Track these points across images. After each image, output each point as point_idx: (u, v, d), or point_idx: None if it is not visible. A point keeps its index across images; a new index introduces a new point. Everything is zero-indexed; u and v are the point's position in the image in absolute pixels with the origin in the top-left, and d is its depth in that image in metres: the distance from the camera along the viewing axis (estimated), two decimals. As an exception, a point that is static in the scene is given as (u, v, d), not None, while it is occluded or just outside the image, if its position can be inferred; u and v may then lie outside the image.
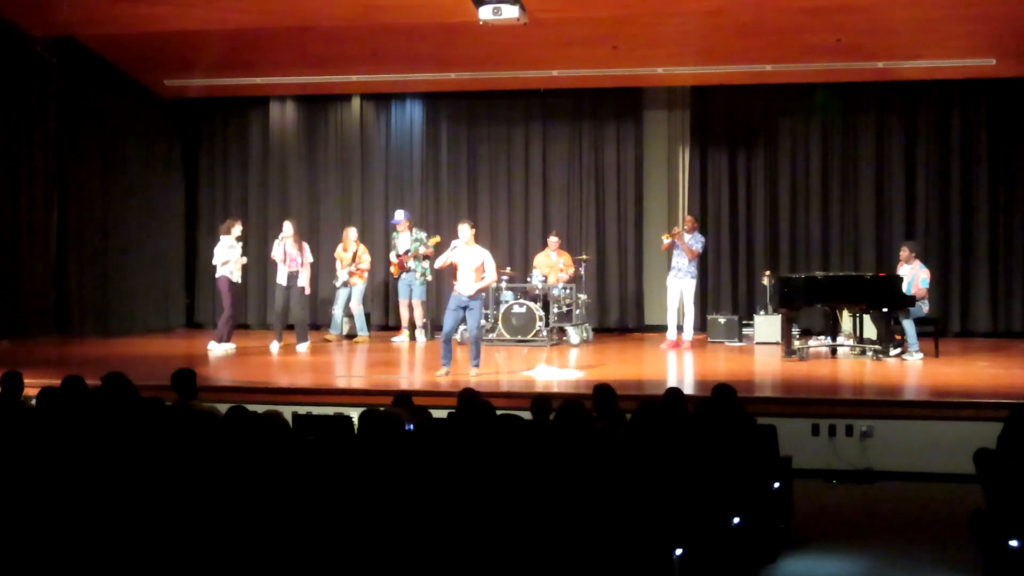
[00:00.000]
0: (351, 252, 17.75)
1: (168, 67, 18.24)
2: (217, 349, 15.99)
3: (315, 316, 18.89)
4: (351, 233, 17.96)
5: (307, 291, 16.57)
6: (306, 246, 16.67)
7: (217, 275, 16.40)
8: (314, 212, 19.95)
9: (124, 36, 16.62)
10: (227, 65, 17.83)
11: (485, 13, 14.07)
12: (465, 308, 13.23)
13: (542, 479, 6.14)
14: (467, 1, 14.07)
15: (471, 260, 13.23)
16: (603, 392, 8.59)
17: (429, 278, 17.55)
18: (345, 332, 17.81)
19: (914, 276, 15.13)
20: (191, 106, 20.27)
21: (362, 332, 17.68)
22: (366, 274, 17.88)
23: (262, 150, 20.33)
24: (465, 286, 13.19)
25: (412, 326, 17.74)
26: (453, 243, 13.50)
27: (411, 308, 17.63)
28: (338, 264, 17.82)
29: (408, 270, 17.47)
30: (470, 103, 19.66)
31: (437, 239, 17.21)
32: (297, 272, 16.37)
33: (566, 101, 19.33)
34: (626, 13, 15.29)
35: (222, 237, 16.44)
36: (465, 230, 13.37)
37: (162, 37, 16.51)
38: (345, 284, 17.65)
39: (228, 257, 16.28)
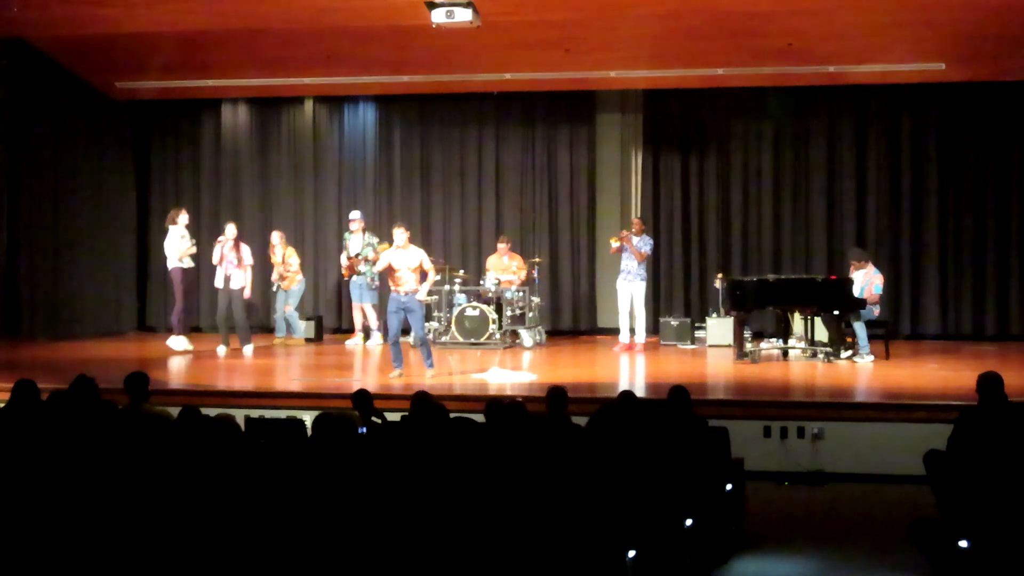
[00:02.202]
0: (280, 255, 17.77)
1: (120, 69, 18.11)
2: (177, 345, 15.97)
3: (266, 319, 18.83)
4: (274, 237, 18.02)
5: (247, 294, 16.49)
6: (246, 249, 16.54)
7: (169, 267, 16.37)
8: (267, 215, 19.83)
9: (75, 38, 16.48)
10: (179, 67, 17.73)
11: (438, 16, 14.03)
12: (405, 310, 13.30)
13: (495, 482, 6.14)
14: (420, 4, 14.03)
15: (408, 261, 13.32)
16: (556, 395, 8.59)
17: (377, 283, 17.49)
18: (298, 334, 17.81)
19: (868, 281, 15.22)
20: (143, 108, 20.10)
21: (296, 335, 17.73)
22: (299, 276, 17.91)
23: (214, 153, 20.22)
24: (405, 285, 13.27)
25: (366, 329, 17.68)
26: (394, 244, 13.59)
27: (364, 311, 17.60)
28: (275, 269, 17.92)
29: (359, 273, 17.42)
30: (423, 106, 19.62)
31: (387, 246, 17.09)
32: (232, 275, 16.28)
33: (519, 104, 19.32)
34: (578, 16, 15.28)
35: (170, 228, 16.38)
36: (400, 234, 13.44)
37: (113, 39, 16.38)
38: (278, 287, 17.75)
39: (180, 247, 16.24)
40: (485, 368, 13.97)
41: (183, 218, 16.47)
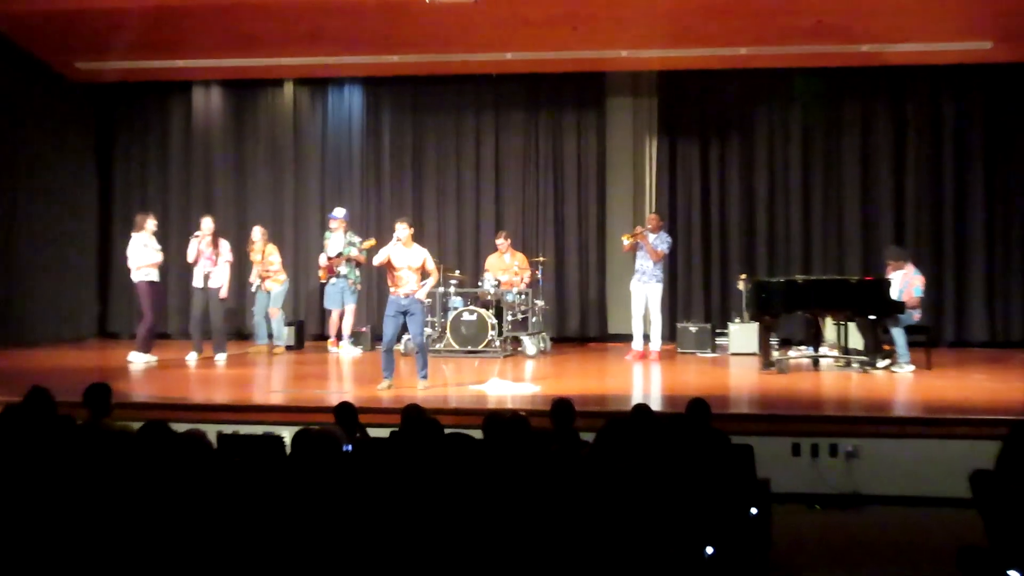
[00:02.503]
0: (260, 253, 17.68)
1: (80, 48, 18.08)
2: (138, 361, 15.84)
3: (242, 325, 18.78)
4: (255, 232, 17.91)
5: (223, 294, 16.44)
6: (225, 244, 16.55)
7: (135, 279, 16.21)
8: (242, 210, 19.83)
9: (30, 13, 16.45)
10: (146, 46, 17.68)
11: (432, -11, 14.06)
12: (405, 313, 13.24)
13: (495, 504, 6.09)
14: (412, -24, 14.05)
15: (410, 259, 13.23)
16: (562, 408, 8.54)
17: (359, 286, 17.46)
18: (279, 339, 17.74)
19: (907, 283, 15.16)
20: (106, 91, 20.11)
21: (278, 341, 17.60)
22: (282, 276, 17.79)
23: (184, 140, 20.22)
24: (406, 286, 13.18)
25: (350, 335, 17.63)
26: (394, 238, 13.47)
27: (342, 316, 17.54)
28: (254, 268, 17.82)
29: (339, 275, 17.36)
30: (415, 89, 19.60)
31: (372, 242, 17.01)
32: (210, 273, 16.22)
33: (521, 87, 19.31)
34: (587, -10, 15.32)
35: (134, 235, 16.24)
36: (403, 229, 13.32)
37: (73, 15, 16.35)
38: (258, 288, 17.65)
39: (145, 258, 16.09)
40: (484, 379, 13.93)
41: (150, 224, 16.34)
